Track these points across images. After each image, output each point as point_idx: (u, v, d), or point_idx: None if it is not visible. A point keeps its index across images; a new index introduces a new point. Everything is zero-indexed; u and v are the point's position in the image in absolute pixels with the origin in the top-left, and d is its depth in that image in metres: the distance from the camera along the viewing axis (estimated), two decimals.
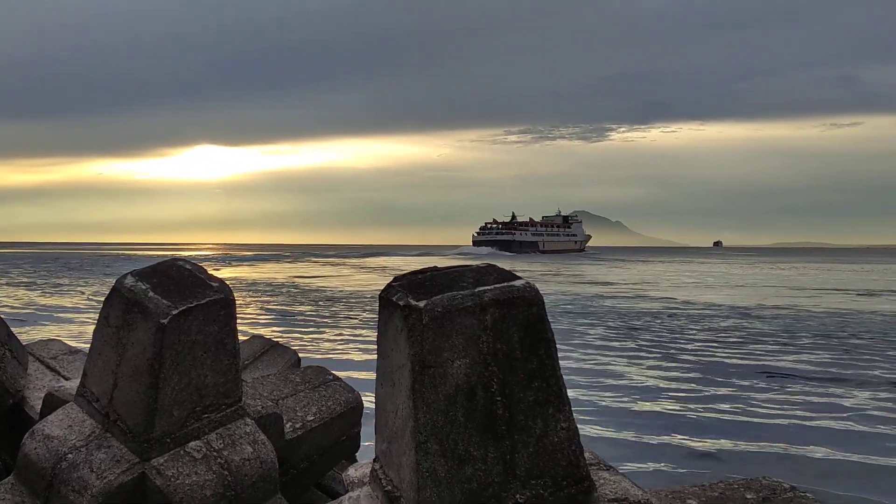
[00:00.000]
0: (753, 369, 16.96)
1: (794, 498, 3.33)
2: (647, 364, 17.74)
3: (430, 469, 2.45)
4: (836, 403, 13.32)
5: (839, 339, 22.78)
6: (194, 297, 3.60)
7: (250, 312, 31.80)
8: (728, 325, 26.61)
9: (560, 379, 2.63)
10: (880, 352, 19.86)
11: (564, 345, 21.10)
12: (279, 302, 37.49)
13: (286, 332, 23.92)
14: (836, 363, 17.96)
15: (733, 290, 50.97)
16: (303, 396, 4.58)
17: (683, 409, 12.88)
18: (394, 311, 2.61)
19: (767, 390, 14.50)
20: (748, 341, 21.97)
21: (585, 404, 12.86)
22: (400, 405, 2.57)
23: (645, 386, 15.17)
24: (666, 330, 25.10)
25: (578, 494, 2.62)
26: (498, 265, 2.75)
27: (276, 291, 45.48)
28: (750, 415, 12.52)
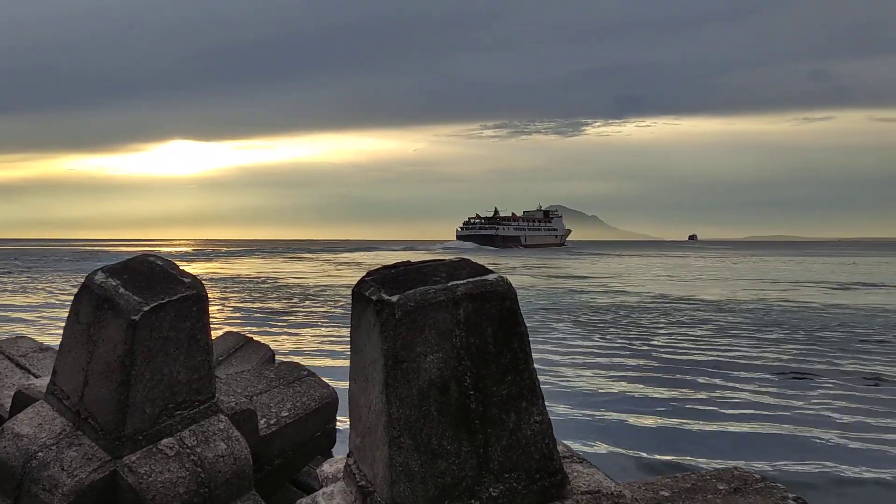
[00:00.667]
0: (723, 364, 16.94)
1: (765, 488, 3.36)
2: (617, 360, 17.73)
3: (403, 464, 2.45)
4: (799, 398, 13.38)
5: (808, 332, 22.99)
6: (166, 294, 3.58)
7: (224, 308, 31.59)
8: (700, 319, 26.78)
9: (533, 372, 2.64)
10: (848, 346, 20.06)
11: (539, 339, 21.23)
12: (254, 298, 37.28)
13: (260, 329, 23.78)
14: (802, 357, 18.04)
15: (707, 283, 51.45)
16: (277, 392, 4.57)
17: (650, 406, 12.88)
18: (367, 305, 2.61)
19: (736, 385, 14.51)
20: (718, 335, 22.03)
21: (556, 398, 12.93)
22: (373, 400, 2.57)
23: (616, 382, 15.14)
24: (639, 324, 25.21)
25: (552, 487, 2.63)
26: (477, 259, 2.76)
27: (251, 287, 45.21)
28: (716, 409, 12.50)
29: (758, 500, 3.25)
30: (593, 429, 11.09)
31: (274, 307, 31.97)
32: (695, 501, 3.24)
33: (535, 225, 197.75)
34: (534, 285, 47.60)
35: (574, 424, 11.32)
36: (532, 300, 35.49)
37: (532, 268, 73.91)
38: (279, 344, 19.57)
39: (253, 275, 59.59)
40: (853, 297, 38.08)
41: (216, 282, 50.37)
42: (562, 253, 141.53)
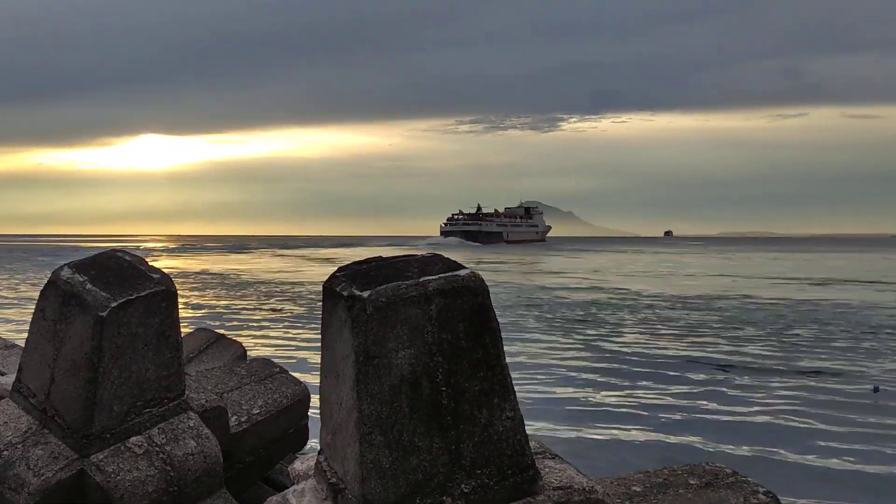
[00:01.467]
0: (694, 361, 17.02)
1: (736, 482, 3.39)
2: (588, 356, 17.76)
3: (374, 460, 2.43)
4: (767, 395, 13.44)
5: (780, 329, 23.21)
6: (134, 290, 3.52)
7: (195, 304, 31.33)
8: (675, 316, 26.93)
9: (505, 368, 2.63)
10: (820, 343, 20.23)
11: (513, 335, 21.31)
12: (226, 294, 37.01)
13: (232, 325, 23.62)
14: (774, 354, 18.07)
15: (682, 279, 51.90)
16: (248, 389, 4.53)
17: (617, 402, 12.90)
18: (338, 301, 2.58)
19: (706, 382, 14.56)
20: (691, 333, 22.15)
21: (527, 394, 12.95)
22: (344, 396, 2.55)
23: (586, 378, 15.13)
24: (613, 321, 25.34)
25: (523, 483, 2.62)
26: (461, 255, 2.74)
27: (224, 283, 44.88)
28: (684, 407, 12.51)
29: (728, 495, 3.27)
30: (558, 429, 11.13)
31: (247, 303, 31.76)
32: (666, 496, 3.25)
33: (516, 221, 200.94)
34: (509, 280, 47.78)
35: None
36: (507, 296, 35.60)
37: (513, 263, 74.56)
38: (251, 341, 19.44)
39: (226, 271, 59.19)
40: (824, 293, 38.59)
41: (187, 277, 49.96)
42: (542, 249, 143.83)
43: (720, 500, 3.23)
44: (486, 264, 69.90)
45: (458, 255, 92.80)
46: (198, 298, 34.56)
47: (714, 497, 3.26)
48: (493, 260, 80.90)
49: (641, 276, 56.52)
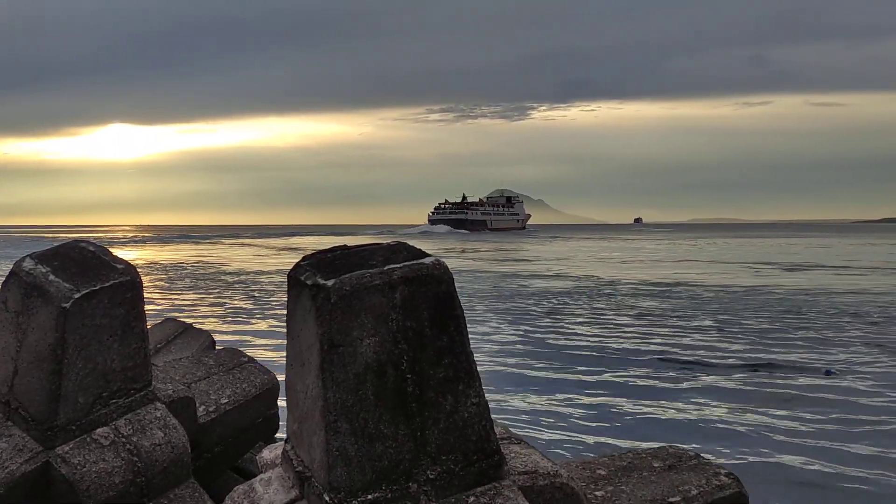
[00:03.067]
0: (648, 353, 16.85)
1: (699, 465, 3.46)
2: (524, 349, 17.62)
3: (340, 448, 2.45)
4: (706, 388, 13.26)
5: (733, 317, 23.30)
6: (98, 280, 3.49)
7: (164, 295, 31.04)
8: (632, 304, 26.94)
9: (470, 355, 2.65)
10: (775, 330, 20.29)
11: (483, 324, 21.41)
12: (195, 284, 36.72)
13: (201, 315, 23.43)
14: (721, 345, 17.86)
15: (649, 266, 52.42)
16: (216, 379, 4.51)
17: (541, 398, 12.68)
18: (302, 290, 2.58)
19: (655, 376, 14.46)
20: (644, 322, 21.88)
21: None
22: (310, 385, 2.55)
23: (513, 371, 14.96)
24: (570, 310, 25.38)
25: (489, 468, 2.65)
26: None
27: (193, 273, 44.51)
28: (609, 404, 12.19)
29: (691, 476, 3.33)
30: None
31: (216, 293, 31.54)
32: (631, 479, 3.31)
33: (499, 210, 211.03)
34: (480, 268, 47.93)
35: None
36: (470, 284, 35.69)
37: (494, 251, 75.59)
38: (220, 330, 19.31)
39: (196, 261, 58.68)
40: (782, 279, 39.20)
41: (156, 268, 49.47)
42: (521, 236, 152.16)
43: (683, 481, 3.29)
44: (470, 253, 70.88)
45: (449, 242, 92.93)
46: (167, 288, 34.25)
47: (677, 479, 3.32)
48: (478, 248, 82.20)
49: (609, 262, 57.02)
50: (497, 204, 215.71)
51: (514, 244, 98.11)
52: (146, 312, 3.77)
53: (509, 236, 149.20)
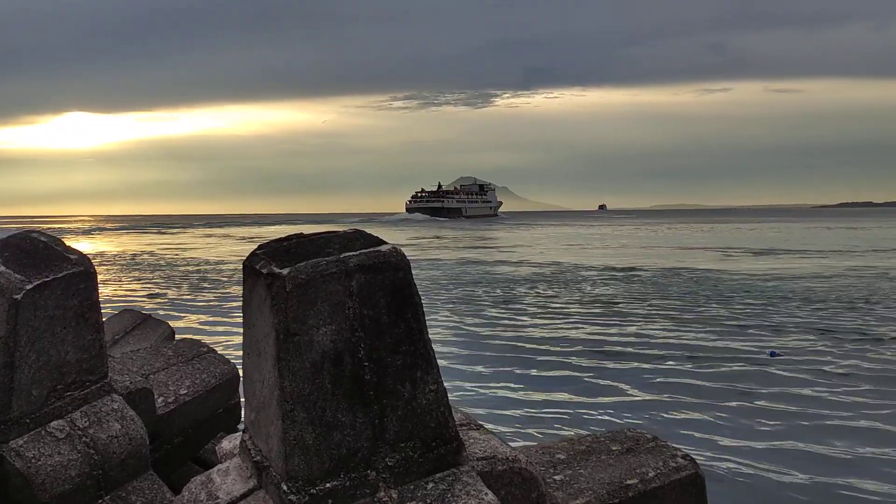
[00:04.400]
0: (601, 341, 16.76)
1: (656, 447, 3.50)
2: (468, 341, 17.50)
3: (297, 437, 2.44)
4: (641, 378, 13.10)
5: (690, 303, 23.58)
6: (51, 271, 3.44)
7: (122, 285, 30.62)
8: (601, 292, 27.07)
9: (428, 342, 2.65)
10: (724, 316, 20.40)
11: (442, 311, 21.42)
12: (154, 274, 36.25)
13: (160, 305, 23.15)
14: (672, 332, 17.90)
15: (618, 252, 53.02)
16: (175, 370, 4.47)
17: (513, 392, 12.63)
18: (257, 279, 2.56)
19: (606, 364, 14.31)
20: (595, 309, 21.84)
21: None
22: (266, 374, 2.54)
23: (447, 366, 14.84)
24: (528, 298, 25.48)
25: (448, 455, 2.66)
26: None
27: (152, 263, 43.92)
28: (544, 400, 12.00)
29: (649, 459, 3.38)
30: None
31: (176, 284, 31.16)
32: (589, 462, 3.34)
33: (473, 198, 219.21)
34: (443, 257, 48.03)
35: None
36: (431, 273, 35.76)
37: (469, 238, 76.42)
38: (181, 321, 19.08)
39: (156, 251, 57.95)
40: (742, 263, 39.86)
41: (115, 258, 48.77)
42: (494, 223, 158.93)
43: (640, 464, 3.33)
44: (446, 240, 71.40)
45: (426, 230, 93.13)
46: (126, 279, 33.78)
47: (635, 462, 3.37)
48: (454, 235, 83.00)
49: (577, 249, 57.48)
50: (471, 192, 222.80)
51: (486, 231, 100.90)
52: (102, 303, 3.72)
53: (482, 223, 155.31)
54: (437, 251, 54.38)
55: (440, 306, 22.67)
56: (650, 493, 3.18)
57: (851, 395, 11.54)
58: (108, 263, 43.81)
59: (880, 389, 11.74)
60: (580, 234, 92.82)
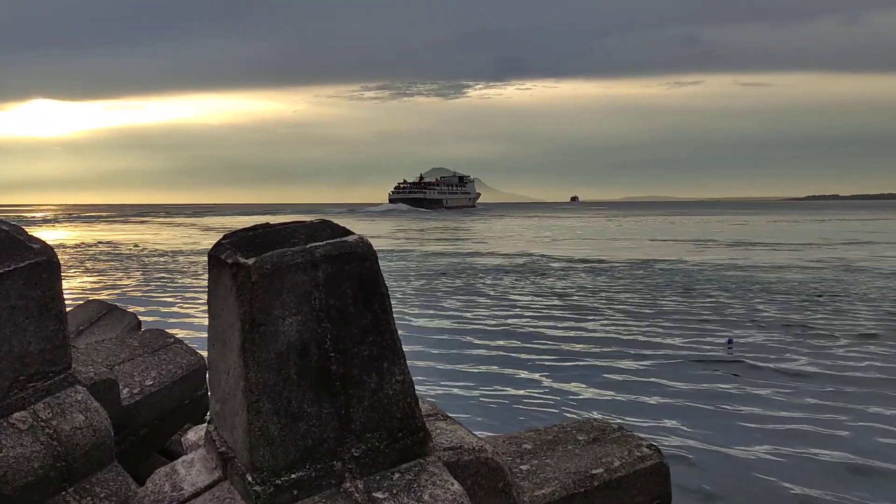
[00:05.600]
0: (565, 333, 16.87)
1: (622, 437, 3.54)
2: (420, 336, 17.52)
3: (262, 428, 2.43)
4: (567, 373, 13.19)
5: (658, 295, 23.79)
6: (12, 261, 3.38)
7: (88, 275, 30.23)
8: (566, 284, 27.19)
9: (395, 333, 2.65)
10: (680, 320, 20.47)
11: (412, 302, 21.39)
12: (122, 264, 35.83)
13: (127, 295, 22.87)
14: (624, 327, 17.86)
15: (586, 243, 53.38)
16: (141, 361, 4.42)
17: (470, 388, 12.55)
18: (223, 269, 2.54)
19: (568, 356, 14.53)
20: (575, 305, 21.91)
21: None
22: (232, 365, 2.52)
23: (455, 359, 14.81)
24: (507, 288, 25.58)
25: (414, 445, 2.67)
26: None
27: (120, 253, 43.43)
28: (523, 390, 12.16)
29: (614, 449, 3.41)
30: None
31: (143, 273, 30.83)
32: (556, 452, 3.37)
33: (453, 189, 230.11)
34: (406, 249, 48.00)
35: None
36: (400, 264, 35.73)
37: (450, 230, 76.78)
38: (147, 311, 18.88)
39: (124, 241, 57.27)
40: (701, 256, 40.34)
41: (82, 248, 48.14)
42: (472, 213, 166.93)
43: (606, 454, 3.37)
44: (427, 231, 71.56)
45: (409, 221, 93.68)
46: (91, 269, 33.35)
47: (601, 451, 3.40)
48: (433, 226, 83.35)
49: (547, 240, 57.79)
50: (451, 184, 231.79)
51: (464, 222, 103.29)
52: (67, 294, 3.66)
53: (461, 214, 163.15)
54: (415, 243, 54.47)
55: (412, 298, 22.67)
56: (615, 483, 3.22)
57: (805, 387, 11.77)
58: (73, 253, 43.24)
59: (829, 383, 11.99)
60: (553, 225, 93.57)
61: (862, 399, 10.93)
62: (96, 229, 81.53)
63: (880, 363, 13.38)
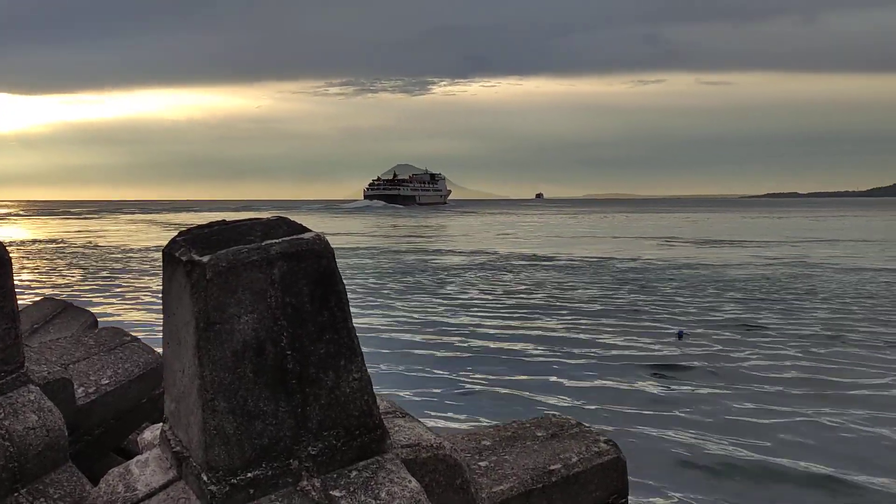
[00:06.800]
0: (524, 331, 17.07)
1: (580, 433, 3.57)
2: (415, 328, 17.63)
3: (217, 427, 2.40)
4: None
5: (616, 290, 24.10)
6: None
7: (43, 273, 29.70)
8: (522, 283, 27.25)
9: (352, 331, 2.64)
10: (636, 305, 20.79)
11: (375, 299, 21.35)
12: (78, 261, 35.25)
13: (83, 293, 22.51)
14: (568, 325, 18.02)
15: (550, 240, 53.75)
16: (97, 360, 4.36)
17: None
18: (177, 267, 2.52)
19: (525, 352, 14.75)
20: (534, 303, 22.09)
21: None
22: (186, 364, 2.50)
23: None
24: (469, 285, 25.67)
25: (372, 443, 2.66)
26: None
27: (76, 250, 42.72)
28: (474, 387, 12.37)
29: (572, 444, 3.44)
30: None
31: (100, 271, 30.36)
32: (514, 448, 3.39)
33: (425, 186, 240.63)
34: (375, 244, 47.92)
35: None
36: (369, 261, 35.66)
37: (422, 227, 76.96)
38: (104, 309, 18.60)
39: (80, 237, 56.38)
40: (661, 252, 40.89)
41: (37, 245, 47.30)
42: (443, 210, 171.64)
43: (564, 449, 3.39)
44: (400, 227, 71.71)
45: (384, 217, 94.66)
46: (46, 266, 32.77)
47: (559, 447, 3.42)
48: (404, 223, 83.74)
49: (512, 239, 58.05)
50: (423, 181, 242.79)
51: (432, 219, 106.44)
52: (22, 291, 3.60)
53: (433, 210, 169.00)
54: (388, 240, 54.42)
55: (372, 296, 22.62)
56: (573, 478, 3.24)
57: (745, 387, 11.98)
58: (28, 250, 42.45)
59: (769, 383, 12.21)
60: (519, 222, 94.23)
61: (796, 400, 11.12)
62: (53, 226, 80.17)
63: (814, 363, 13.57)
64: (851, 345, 15.19)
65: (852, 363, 13.48)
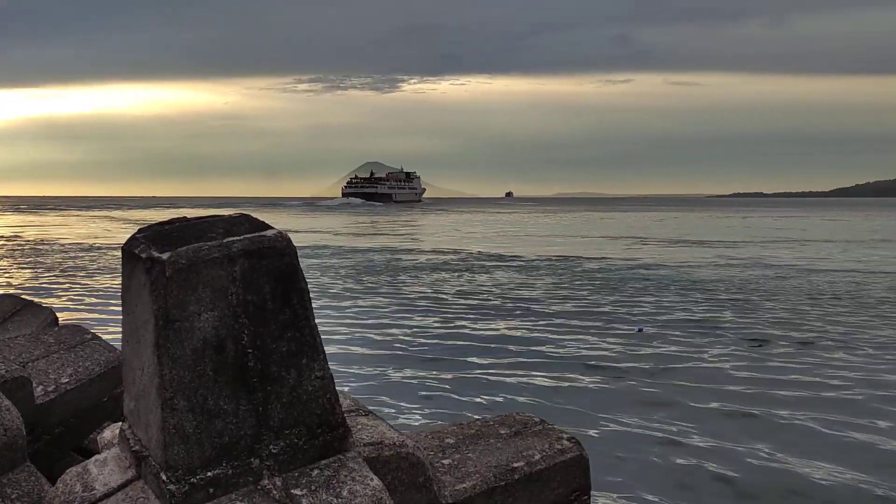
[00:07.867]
0: (487, 331, 17.03)
1: (543, 430, 3.59)
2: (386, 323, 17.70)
3: (177, 426, 2.38)
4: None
5: (579, 289, 24.25)
6: None
7: (2, 269, 29.19)
8: (486, 283, 27.15)
9: (314, 328, 2.63)
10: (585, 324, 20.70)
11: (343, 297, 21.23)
12: (39, 259, 34.69)
13: (43, 291, 22.15)
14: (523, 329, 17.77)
15: (520, 239, 53.98)
16: (56, 358, 4.30)
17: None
18: (137, 264, 2.49)
19: (489, 353, 14.69)
20: (486, 304, 21.78)
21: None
22: (146, 362, 2.47)
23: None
24: (432, 286, 25.64)
25: (334, 441, 2.65)
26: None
27: (37, 248, 42.02)
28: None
29: (535, 442, 3.46)
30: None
31: (60, 268, 29.90)
32: (478, 446, 3.40)
33: (401, 185, 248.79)
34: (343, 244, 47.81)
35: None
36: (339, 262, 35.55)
37: (398, 224, 77.22)
38: (65, 307, 18.32)
39: (40, 234, 55.50)
40: (627, 252, 41.28)
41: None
42: (418, 208, 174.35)
43: (527, 447, 3.41)
44: (375, 225, 71.76)
45: (361, 214, 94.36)
46: (5, 263, 32.21)
47: (522, 444, 3.44)
48: (377, 220, 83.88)
49: (480, 237, 58.22)
50: (399, 179, 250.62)
51: (409, 216, 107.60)
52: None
53: (408, 208, 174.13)
54: (360, 239, 54.23)
55: (339, 294, 22.54)
56: (536, 475, 3.26)
57: (699, 389, 12.11)
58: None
59: (731, 383, 12.37)
60: (489, 220, 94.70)
61: (752, 399, 11.26)
62: (13, 222, 78.79)
63: (770, 364, 13.74)
64: (812, 346, 15.42)
65: (812, 364, 13.66)
